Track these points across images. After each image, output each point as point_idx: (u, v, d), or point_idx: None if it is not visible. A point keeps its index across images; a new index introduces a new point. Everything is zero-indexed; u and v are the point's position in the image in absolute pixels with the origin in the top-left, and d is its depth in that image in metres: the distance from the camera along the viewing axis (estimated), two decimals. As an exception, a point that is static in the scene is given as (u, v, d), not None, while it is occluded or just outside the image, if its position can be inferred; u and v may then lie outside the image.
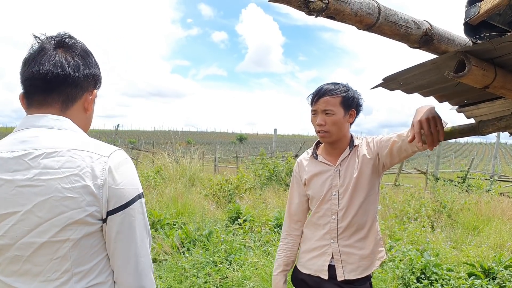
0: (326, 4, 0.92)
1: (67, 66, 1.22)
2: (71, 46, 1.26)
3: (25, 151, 1.14)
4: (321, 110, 2.07)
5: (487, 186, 11.15)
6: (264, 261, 4.54)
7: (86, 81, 1.27)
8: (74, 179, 1.11)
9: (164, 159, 11.85)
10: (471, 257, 4.95)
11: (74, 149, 1.14)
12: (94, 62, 1.31)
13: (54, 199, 1.09)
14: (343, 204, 2.09)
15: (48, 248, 1.12)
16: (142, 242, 1.21)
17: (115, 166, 1.16)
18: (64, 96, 1.23)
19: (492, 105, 1.54)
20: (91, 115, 1.35)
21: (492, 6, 1.14)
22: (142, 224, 1.21)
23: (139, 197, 1.20)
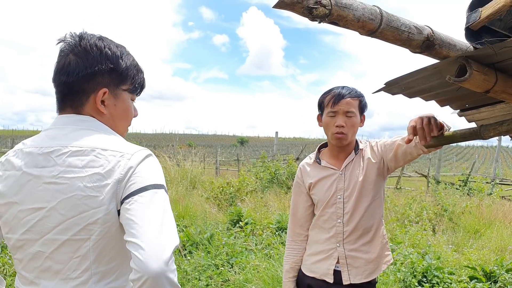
0: (329, 10, 0.93)
1: (63, 73, 1.21)
2: (77, 47, 1.22)
3: (52, 148, 1.16)
4: (343, 111, 2.06)
5: (488, 189, 11.14)
6: (265, 264, 4.55)
7: (87, 83, 1.21)
8: (97, 178, 1.11)
9: (165, 161, 11.86)
10: (473, 261, 4.95)
11: (99, 149, 1.15)
12: (100, 58, 1.22)
13: (77, 197, 1.11)
14: (348, 207, 2.09)
15: (69, 246, 1.13)
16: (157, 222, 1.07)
17: (137, 162, 1.15)
18: (70, 102, 1.23)
19: (493, 109, 1.55)
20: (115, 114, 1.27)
21: (493, 12, 1.15)
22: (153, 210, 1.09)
23: (153, 187, 1.12)
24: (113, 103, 1.26)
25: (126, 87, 1.28)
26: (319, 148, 2.31)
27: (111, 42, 1.27)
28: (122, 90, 1.27)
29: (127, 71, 1.27)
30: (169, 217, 1.11)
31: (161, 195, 1.13)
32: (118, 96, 1.27)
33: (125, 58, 1.27)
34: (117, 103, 1.27)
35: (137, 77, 1.31)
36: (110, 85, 1.24)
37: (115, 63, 1.24)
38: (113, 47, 1.25)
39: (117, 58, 1.25)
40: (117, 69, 1.24)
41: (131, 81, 1.29)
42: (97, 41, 1.23)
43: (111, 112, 1.26)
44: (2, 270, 4.11)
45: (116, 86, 1.26)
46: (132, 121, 1.37)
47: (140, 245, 1.02)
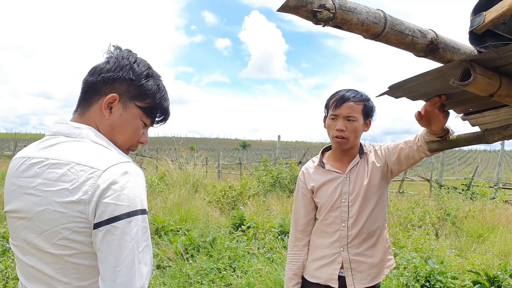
0: (333, 14, 0.93)
1: (89, 73, 1.25)
2: (112, 56, 1.27)
3: (37, 159, 1.15)
4: (344, 115, 2.05)
5: (491, 193, 11.09)
6: (268, 268, 4.53)
7: (104, 85, 1.22)
8: (64, 194, 1.07)
9: (167, 165, 11.86)
10: (476, 265, 4.93)
11: (74, 163, 1.10)
12: (126, 68, 1.24)
13: (47, 211, 1.09)
14: (353, 211, 2.08)
15: (49, 257, 1.12)
16: (123, 267, 1.04)
17: (107, 180, 1.07)
18: (85, 100, 1.25)
19: (497, 113, 1.54)
20: (116, 123, 1.24)
21: (497, 16, 1.15)
22: (126, 247, 1.05)
23: (127, 215, 1.06)
24: (119, 112, 1.24)
25: (141, 105, 1.26)
26: (322, 151, 2.30)
27: (146, 62, 1.30)
28: (135, 105, 1.26)
29: (146, 89, 1.26)
30: (143, 255, 1.08)
31: (136, 223, 1.07)
32: (127, 108, 1.25)
33: (151, 79, 1.28)
34: (124, 114, 1.25)
35: (158, 102, 1.30)
36: (124, 95, 1.24)
37: (137, 76, 1.24)
38: (143, 66, 1.27)
39: (141, 73, 1.25)
40: (137, 82, 1.24)
41: (149, 102, 1.28)
42: (131, 56, 1.27)
43: (113, 120, 1.24)
44: (4, 274, 4.11)
45: (130, 98, 1.25)
46: (136, 143, 1.32)
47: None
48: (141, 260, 1.07)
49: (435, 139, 1.78)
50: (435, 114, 1.61)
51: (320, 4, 0.91)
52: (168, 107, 1.35)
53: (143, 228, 1.09)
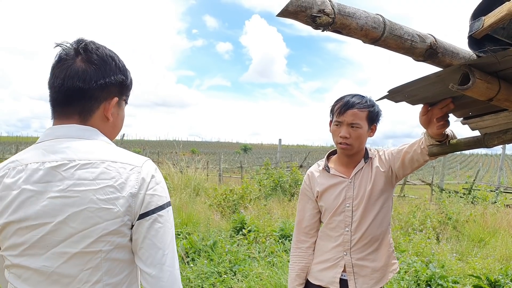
0: (333, 19, 0.94)
1: (78, 79, 1.19)
2: (90, 54, 1.22)
3: (57, 162, 1.14)
4: (348, 122, 2.05)
5: (492, 197, 11.08)
6: (268, 272, 4.53)
7: (102, 91, 1.23)
8: (109, 191, 1.13)
9: (169, 168, 11.87)
10: (477, 269, 4.92)
11: (108, 161, 1.16)
12: (115, 68, 1.26)
13: (89, 210, 1.11)
14: (357, 216, 2.09)
15: (80, 258, 1.12)
16: (169, 251, 1.19)
17: (147, 174, 1.19)
18: (80, 108, 1.22)
19: (497, 117, 1.55)
20: (116, 123, 1.32)
21: (496, 20, 1.16)
22: (170, 232, 1.20)
23: (168, 205, 1.21)
24: (117, 112, 1.30)
25: (125, 98, 1.34)
26: (328, 155, 2.30)
27: (116, 54, 1.31)
28: (123, 100, 1.33)
29: (131, 83, 1.33)
30: (174, 240, 1.24)
31: (171, 212, 1.23)
32: (121, 106, 1.32)
33: (128, 70, 1.33)
34: (119, 112, 1.32)
35: (131, 89, 1.37)
36: (118, 94, 1.28)
37: (125, 75, 1.29)
38: (121, 59, 1.30)
39: (126, 70, 1.30)
40: (126, 81, 1.30)
41: (129, 92, 1.36)
42: (109, 51, 1.27)
43: (114, 120, 1.30)
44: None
45: (121, 96, 1.30)
46: None
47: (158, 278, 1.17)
48: (175, 245, 1.24)
49: (435, 143, 1.79)
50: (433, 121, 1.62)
51: (319, 9, 0.91)
52: None
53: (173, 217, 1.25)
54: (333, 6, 0.94)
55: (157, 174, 1.22)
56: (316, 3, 0.91)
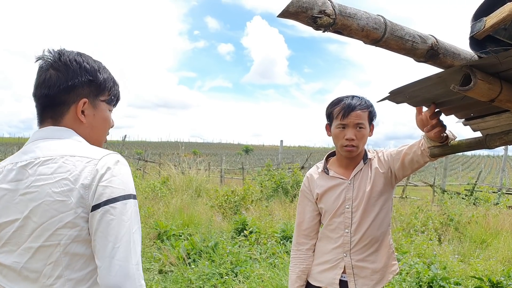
0: (334, 19, 0.94)
1: (44, 86, 1.26)
2: (56, 62, 1.27)
3: (26, 161, 1.20)
4: (354, 124, 2.05)
5: (495, 199, 11.07)
6: (270, 273, 4.53)
7: (67, 94, 1.26)
8: (64, 183, 1.14)
9: (170, 170, 11.88)
10: (479, 271, 4.90)
11: (67, 155, 1.18)
12: (79, 71, 1.28)
13: (46, 203, 1.14)
14: (356, 217, 2.09)
15: (42, 253, 1.15)
16: (121, 244, 1.14)
17: (104, 166, 1.17)
18: (51, 113, 1.28)
19: (499, 118, 1.54)
20: (94, 123, 1.33)
21: (498, 21, 1.15)
22: (125, 225, 1.15)
23: (125, 198, 1.17)
24: (92, 113, 1.32)
25: (104, 98, 1.35)
26: (326, 157, 2.30)
27: (89, 57, 1.34)
28: (100, 100, 1.34)
29: (105, 83, 1.34)
30: (136, 236, 1.17)
31: (130, 206, 1.17)
32: (97, 107, 1.33)
33: (102, 71, 1.34)
34: (96, 112, 1.33)
35: (113, 89, 1.38)
36: (90, 96, 1.30)
37: (93, 75, 1.30)
38: (91, 62, 1.32)
39: (95, 71, 1.31)
40: (96, 81, 1.31)
41: (108, 92, 1.36)
42: (76, 56, 1.30)
43: (90, 121, 1.32)
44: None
45: (95, 97, 1.32)
46: (109, 130, 1.43)
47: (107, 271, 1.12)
48: (135, 240, 1.17)
49: (436, 144, 1.78)
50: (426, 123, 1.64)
51: (320, 10, 0.91)
52: (118, 88, 1.43)
53: (135, 211, 1.19)
54: (334, 7, 0.94)
55: (116, 167, 1.19)
56: (317, 4, 0.91)
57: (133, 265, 1.15)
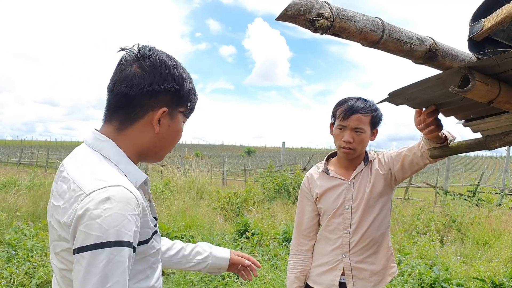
0: (331, 22, 0.94)
1: (125, 84, 1.15)
2: (143, 60, 1.17)
3: (62, 167, 1.18)
4: (352, 127, 2.05)
5: (497, 200, 11.04)
6: (272, 275, 4.53)
7: (149, 99, 1.16)
8: (60, 212, 1.06)
9: (173, 171, 11.89)
10: (482, 272, 4.89)
11: (72, 180, 1.07)
12: (167, 76, 1.17)
13: (51, 224, 1.12)
14: (356, 218, 2.09)
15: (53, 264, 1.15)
16: None
17: (85, 206, 1.00)
18: (123, 114, 1.17)
19: (499, 119, 1.55)
20: (166, 135, 1.23)
21: (496, 23, 1.16)
22: (90, 281, 0.96)
23: (96, 246, 0.97)
24: (168, 123, 1.21)
25: (183, 109, 1.25)
26: (327, 157, 2.30)
27: (179, 63, 1.23)
28: (179, 111, 1.24)
29: (188, 94, 1.23)
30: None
31: (106, 256, 0.97)
32: (174, 117, 1.23)
33: (188, 80, 1.24)
34: (172, 124, 1.22)
35: (193, 101, 1.28)
36: (171, 105, 1.20)
37: (180, 84, 1.20)
38: (180, 68, 1.22)
39: (183, 79, 1.21)
40: (181, 90, 1.20)
41: (189, 104, 1.26)
42: (166, 58, 1.19)
43: (162, 132, 1.21)
44: (9, 280, 4.12)
45: (175, 107, 1.22)
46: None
47: None
48: None
49: (436, 146, 1.79)
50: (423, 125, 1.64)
51: (318, 12, 0.92)
52: (197, 99, 1.32)
53: (117, 262, 0.99)
54: (331, 10, 0.94)
55: (100, 207, 0.99)
56: (315, 7, 0.92)
57: None
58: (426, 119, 1.59)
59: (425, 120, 1.59)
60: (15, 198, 7.09)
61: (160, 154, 1.27)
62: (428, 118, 1.58)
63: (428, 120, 1.59)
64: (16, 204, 6.82)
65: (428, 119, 1.58)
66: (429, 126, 1.60)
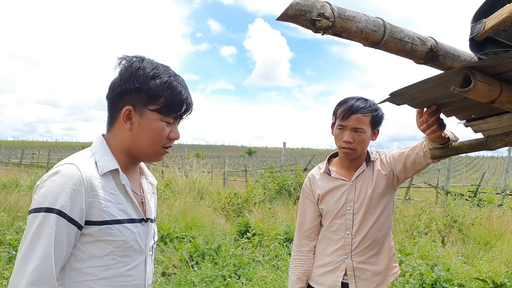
0: (332, 22, 0.94)
1: (109, 88, 1.33)
2: (120, 66, 1.32)
3: None
4: (352, 127, 2.05)
5: (498, 200, 11.01)
6: (273, 275, 4.52)
7: (119, 99, 1.31)
8: None
9: (174, 172, 11.89)
10: (483, 273, 4.88)
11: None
12: (130, 78, 1.27)
13: None
14: (358, 219, 2.08)
15: None
16: (17, 258, 1.15)
17: (43, 177, 1.23)
18: (110, 116, 1.36)
19: (500, 120, 1.54)
20: (138, 132, 1.31)
21: (497, 23, 1.16)
22: (25, 239, 1.15)
23: (35, 210, 1.16)
24: (137, 121, 1.30)
25: (154, 107, 1.29)
26: (329, 158, 2.30)
27: (150, 64, 1.30)
28: (149, 110, 1.29)
29: (155, 92, 1.28)
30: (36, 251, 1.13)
31: (38, 219, 1.15)
32: (144, 115, 1.30)
33: (158, 79, 1.28)
34: (142, 121, 1.30)
35: (170, 98, 1.30)
36: (137, 104, 1.29)
37: (141, 83, 1.27)
38: (148, 69, 1.28)
39: (146, 79, 1.27)
40: (143, 89, 1.27)
41: (162, 102, 1.29)
42: (136, 62, 1.30)
43: (135, 129, 1.31)
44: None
45: (143, 105, 1.29)
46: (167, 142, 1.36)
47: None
48: (34, 255, 1.13)
49: (437, 146, 1.78)
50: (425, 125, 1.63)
51: (319, 13, 0.92)
52: (186, 98, 1.34)
53: (46, 226, 1.15)
54: (332, 10, 0.94)
55: (49, 178, 1.20)
56: (316, 7, 0.92)
57: (17, 277, 1.12)
58: (428, 119, 1.58)
59: (427, 120, 1.58)
60: (16, 199, 7.09)
61: (146, 153, 1.35)
62: (429, 118, 1.58)
63: (430, 120, 1.58)
64: (17, 205, 6.82)
65: (430, 119, 1.58)
66: (431, 126, 1.60)
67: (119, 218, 1.27)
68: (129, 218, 1.31)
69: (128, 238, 1.29)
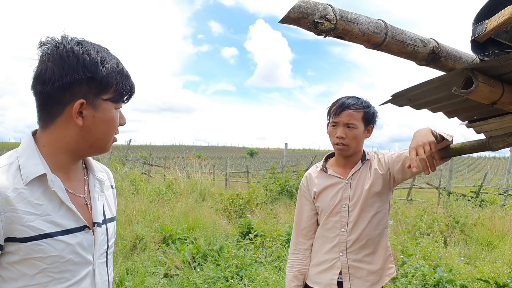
0: (335, 24, 0.95)
1: (38, 81, 1.11)
2: (54, 54, 1.10)
3: None
4: (344, 123, 2.08)
5: (501, 201, 11.01)
6: (275, 276, 4.53)
7: (63, 93, 1.10)
8: None
9: (175, 173, 11.91)
10: (485, 273, 4.88)
11: None
12: (77, 66, 1.10)
13: None
14: (353, 216, 2.10)
15: None
16: None
17: None
18: (45, 113, 1.15)
19: (502, 120, 1.55)
20: (93, 126, 1.16)
21: (499, 24, 1.16)
22: None
23: None
24: (91, 114, 1.14)
25: (108, 97, 1.16)
26: (326, 157, 2.32)
27: (92, 47, 1.14)
28: (102, 100, 1.15)
29: (107, 79, 1.14)
30: None
31: None
32: (98, 107, 1.15)
33: (107, 64, 1.14)
34: (96, 114, 1.15)
35: (121, 84, 1.18)
36: (89, 95, 1.13)
37: (93, 71, 1.11)
38: (93, 53, 1.12)
39: (96, 65, 1.12)
40: (96, 77, 1.12)
41: (114, 89, 1.17)
42: (75, 46, 1.11)
43: (88, 124, 1.15)
44: None
45: (96, 96, 1.14)
46: (118, 129, 1.25)
47: None
48: None
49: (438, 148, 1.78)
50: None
51: (321, 15, 0.92)
52: (130, 81, 1.22)
53: None
54: (335, 12, 0.95)
55: None
56: (318, 10, 0.92)
57: None
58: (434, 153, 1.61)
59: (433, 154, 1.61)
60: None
61: (99, 146, 1.21)
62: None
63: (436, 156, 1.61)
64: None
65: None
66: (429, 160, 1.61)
67: (48, 232, 1.09)
68: (63, 230, 1.12)
69: (63, 252, 1.12)
